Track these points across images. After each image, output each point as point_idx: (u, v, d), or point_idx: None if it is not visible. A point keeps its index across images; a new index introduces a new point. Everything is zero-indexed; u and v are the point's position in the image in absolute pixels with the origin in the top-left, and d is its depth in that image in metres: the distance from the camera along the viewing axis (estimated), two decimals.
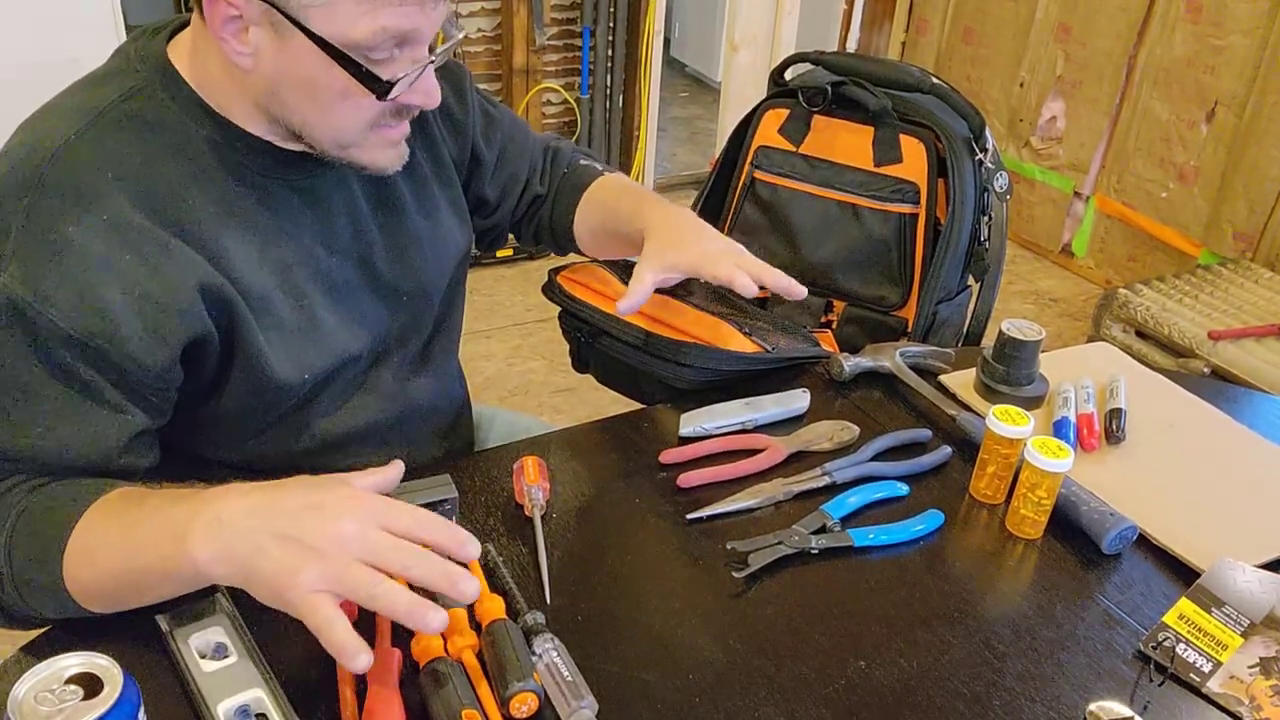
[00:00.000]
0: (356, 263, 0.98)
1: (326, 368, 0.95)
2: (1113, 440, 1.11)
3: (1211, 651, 0.85)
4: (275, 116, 0.84)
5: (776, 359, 1.18)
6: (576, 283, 1.25)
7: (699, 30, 4.75)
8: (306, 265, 0.92)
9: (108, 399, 0.80)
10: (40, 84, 0.93)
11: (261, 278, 0.88)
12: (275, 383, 0.90)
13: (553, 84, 3.30)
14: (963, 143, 1.50)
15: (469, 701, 0.73)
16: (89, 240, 0.78)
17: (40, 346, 0.76)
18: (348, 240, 0.97)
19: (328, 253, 0.95)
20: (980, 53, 3.55)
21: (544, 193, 1.23)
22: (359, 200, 0.98)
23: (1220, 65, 2.83)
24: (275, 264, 0.89)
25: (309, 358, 0.93)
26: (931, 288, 1.50)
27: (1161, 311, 2.53)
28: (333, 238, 0.95)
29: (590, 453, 1.06)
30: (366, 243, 0.98)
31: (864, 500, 0.99)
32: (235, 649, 0.75)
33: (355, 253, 0.98)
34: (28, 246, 0.76)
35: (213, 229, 0.85)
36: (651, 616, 0.85)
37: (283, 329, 0.90)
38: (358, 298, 0.98)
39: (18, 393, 0.77)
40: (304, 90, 0.81)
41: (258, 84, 0.82)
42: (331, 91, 0.81)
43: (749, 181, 1.63)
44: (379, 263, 1.00)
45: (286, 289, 0.91)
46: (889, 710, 0.78)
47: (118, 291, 0.78)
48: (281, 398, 0.92)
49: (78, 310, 0.77)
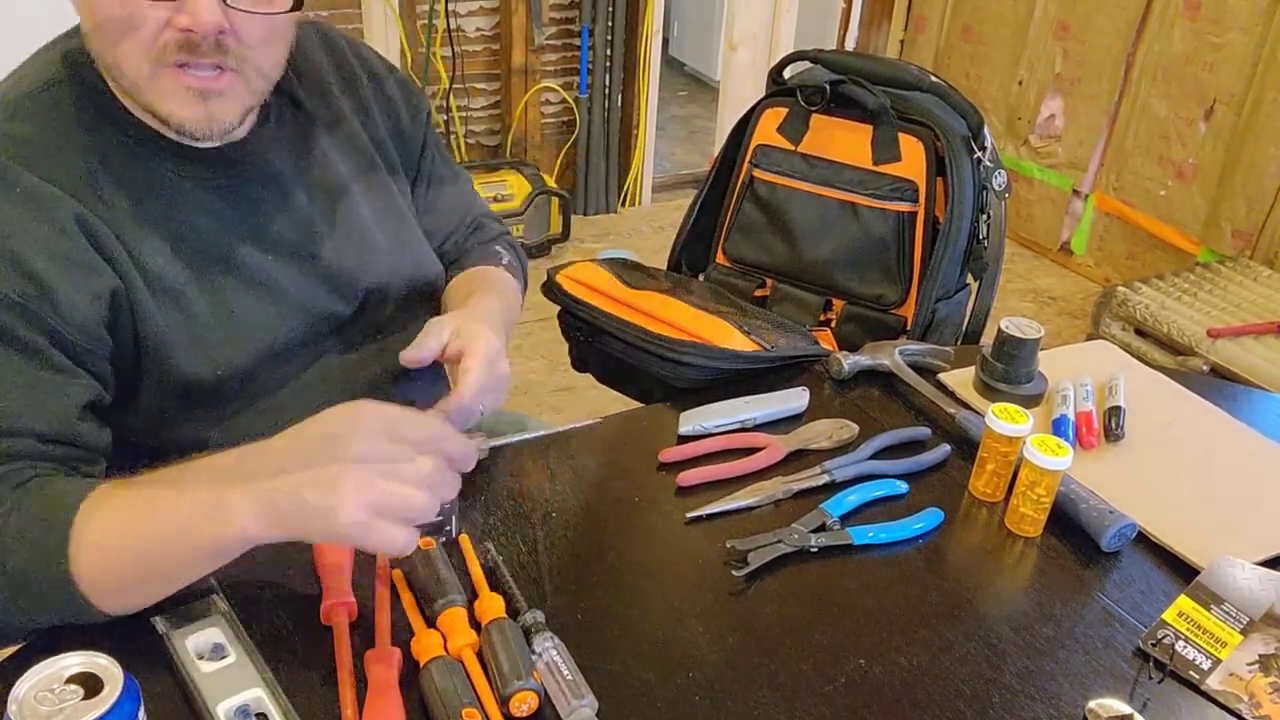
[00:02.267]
0: (298, 258, 0.97)
1: (245, 363, 0.93)
2: (1112, 438, 1.11)
3: (1211, 649, 0.85)
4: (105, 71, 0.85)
5: (775, 357, 1.18)
6: (576, 282, 1.25)
7: (698, 29, 4.75)
8: (225, 262, 0.92)
9: (54, 362, 0.80)
10: None
11: (174, 271, 0.88)
12: (184, 375, 0.89)
13: (551, 83, 3.30)
14: (961, 141, 1.49)
15: (469, 700, 0.73)
16: (8, 212, 0.80)
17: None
18: (289, 237, 0.96)
19: (256, 249, 0.94)
20: (979, 51, 3.55)
21: (448, 256, 1.17)
22: (296, 195, 0.97)
23: (1219, 62, 2.83)
24: (188, 260, 0.89)
25: (221, 353, 0.91)
26: (930, 286, 1.50)
27: (1160, 309, 2.53)
28: (263, 234, 0.95)
29: (590, 452, 1.06)
30: (311, 236, 0.98)
31: (863, 499, 0.99)
32: (233, 649, 0.75)
33: (300, 248, 0.97)
34: None
35: (123, 222, 0.86)
36: (651, 615, 0.85)
37: (193, 324, 0.89)
38: (293, 292, 0.96)
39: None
40: (85, 7, 0.82)
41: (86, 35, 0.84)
42: (99, 4, 0.80)
43: (748, 180, 1.63)
44: (326, 254, 0.99)
45: (201, 284, 0.90)
46: (889, 708, 0.78)
47: (41, 255, 0.80)
48: (195, 390, 0.91)
49: (6, 274, 0.78)
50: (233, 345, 0.92)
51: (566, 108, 3.36)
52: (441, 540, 0.88)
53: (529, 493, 0.98)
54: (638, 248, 3.28)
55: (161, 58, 0.82)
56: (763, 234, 1.63)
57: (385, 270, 1.03)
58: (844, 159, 1.56)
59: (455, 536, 0.90)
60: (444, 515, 0.88)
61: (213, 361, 0.91)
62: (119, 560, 0.74)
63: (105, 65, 0.85)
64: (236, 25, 0.82)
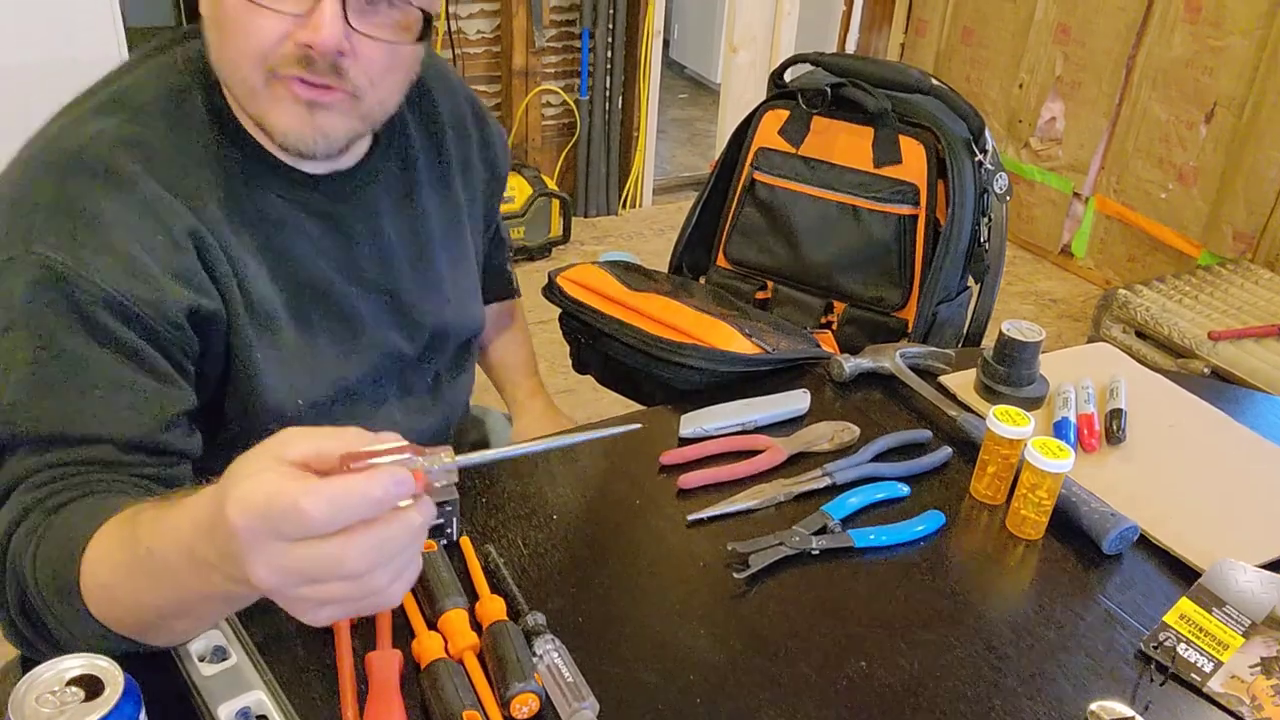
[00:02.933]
0: (378, 294, 0.97)
1: (323, 396, 0.93)
2: (1113, 441, 1.11)
3: (1212, 651, 0.85)
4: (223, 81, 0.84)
5: (777, 360, 1.18)
6: (577, 284, 1.25)
7: (698, 32, 4.75)
8: (316, 290, 0.92)
9: (151, 366, 0.78)
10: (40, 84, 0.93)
11: (271, 296, 0.88)
12: (269, 403, 0.88)
13: (552, 85, 3.30)
14: (962, 144, 1.50)
15: (470, 702, 0.73)
16: (124, 214, 0.78)
17: (83, 312, 0.75)
18: (375, 273, 0.96)
19: (344, 280, 0.94)
20: (979, 54, 3.55)
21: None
22: (387, 233, 0.97)
23: (1219, 66, 2.83)
24: (284, 285, 0.89)
25: (304, 383, 0.91)
26: (931, 289, 1.50)
27: (1161, 312, 2.53)
28: (353, 267, 0.94)
29: (591, 454, 1.06)
30: (392, 274, 0.98)
31: (864, 501, 0.99)
32: (234, 651, 0.75)
33: (382, 285, 0.97)
34: (60, 218, 0.76)
35: (232, 241, 0.85)
36: (652, 617, 0.85)
37: (282, 351, 0.89)
38: (374, 329, 0.97)
39: (62, 362, 0.74)
40: (210, 14, 0.81)
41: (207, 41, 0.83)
42: (224, 9, 0.79)
43: (749, 183, 1.63)
44: (403, 294, 0.99)
45: (292, 311, 0.90)
46: (890, 711, 0.78)
47: (154, 261, 0.78)
48: (278, 421, 0.85)
49: (119, 274, 0.76)
50: (314, 376, 0.92)
51: (567, 110, 3.36)
52: (443, 542, 0.88)
53: (530, 495, 0.98)
54: (638, 250, 3.28)
55: (277, 68, 0.79)
56: (764, 236, 1.63)
57: (450, 317, 1.05)
58: (845, 162, 1.56)
59: (456, 538, 0.90)
60: (445, 517, 0.89)
61: (295, 390, 0.90)
62: (123, 599, 0.67)
63: (222, 74, 0.84)
64: (358, 49, 0.80)
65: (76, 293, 0.75)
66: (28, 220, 0.76)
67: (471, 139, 1.08)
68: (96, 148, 0.80)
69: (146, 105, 0.84)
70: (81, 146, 0.80)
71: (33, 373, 0.74)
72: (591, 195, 3.47)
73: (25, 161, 0.81)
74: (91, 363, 0.75)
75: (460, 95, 1.07)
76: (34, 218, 0.76)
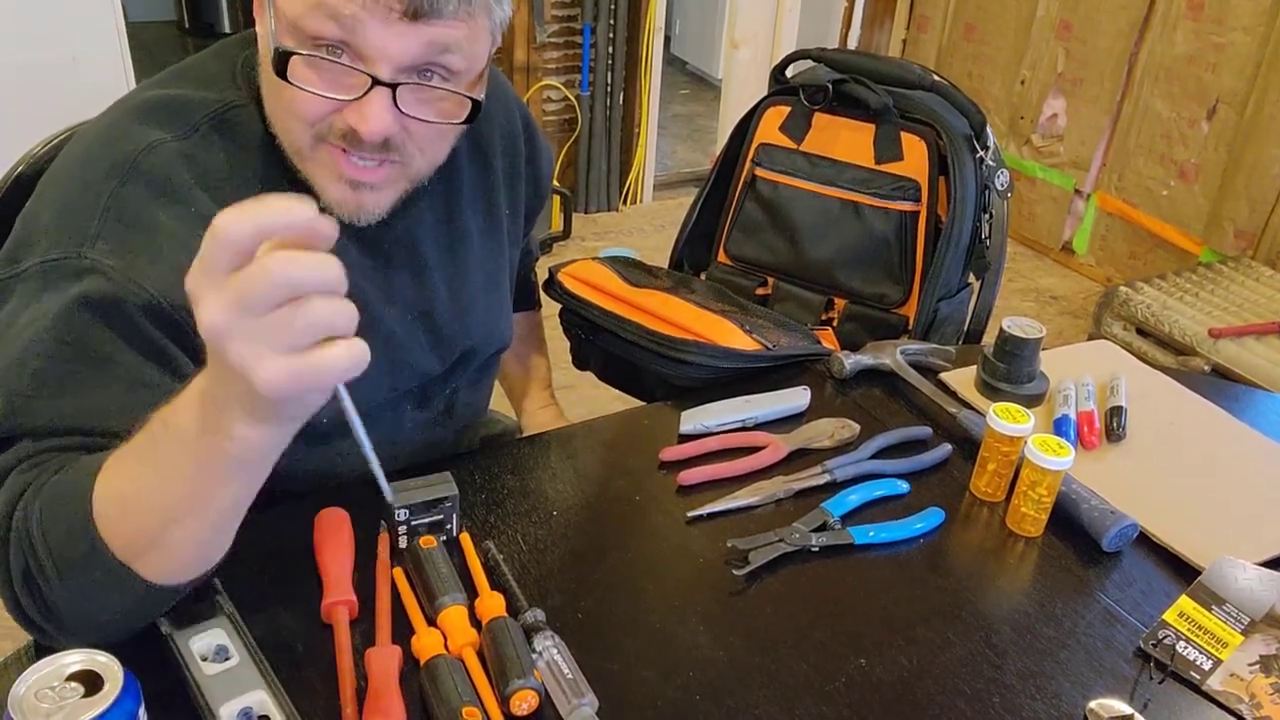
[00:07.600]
0: (414, 315, 0.97)
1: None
2: (1113, 438, 1.11)
3: (1212, 649, 0.85)
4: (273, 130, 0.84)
5: (777, 356, 1.18)
6: (577, 280, 1.25)
7: (700, 27, 4.75)
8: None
9: (181, 370, 0.78)
10: (40, 84, 0.93)
11: None
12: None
13: (553, 81, 3.30)
14: (964, 140, 1.49)
15: (469, 699, 0.73)
16: (178, 227, 0.79)
17: (122, 316, 0.75)
18: (410, 293, 0.96)
19: (383, 303, 0.94)
20: (981, 50, 3.54)
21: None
22: (427, 254, 0.97)
23: (1221, 63, 2.83)
24: None
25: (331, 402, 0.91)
26: (932, 285, 1.50)
27: (1162, 309, 2.53)
28: (390, 289, 0.94)
29: (590, 450, 1.06)
30: (428, 295, 0.98)
31: (864, 498, 0.99)
32: (236, 651, 0.75)
33: (417, 306, 0.97)
34: (118, 225, 0.77)
35: None
36: (652, 614, 0.85)
37: None
38: (408, 349, 0.97)
39: (93, 361, 0.75)
40: (264, 63, 0.81)
41: (261, 81, 0.83)
42: (272, 74, 0.79)
43: (750, 179, 1.63)
44: (438, 314, 0.99)
45: None
46: (889, 707, 0.78)
47: None
48: (307, 428, 0.88)
49: (167, 282, 0.76)
50: (352, 388, 0.91)
51: (568, 105, 3.36)
52: (442, 538, 0.88)
53: (530, 491, 0.98)
54: (639, 246, 3.28)
55: (325, 135, 0.80)
56: (765, 233, 1.62)
57: (480, 334, 1.05)
58: (846, 158, 1.56)
59: (456, 534, 0.90)
60: (444, 513, 0.89)
61: (322, 407, 0.90)
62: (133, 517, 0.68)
63: (272, 123, 0.84)
64: (408, 127, 0.80)
65: (120, 299, 0.75)
66: (82, 223, 0.77)
67: (520, 154, 1.08)
68: (154, 159, 0.81)
69: (206, 121, 0.84)
70: (140, 155, 0.80)
71: (56, 368, 0.74)
72: (592, 191, 3.47)
73: (83, 160, 0.82)
74: (117, 362, 0.76)
75: (514, 109, 1.07)
76: (89, 221, 0.77)
